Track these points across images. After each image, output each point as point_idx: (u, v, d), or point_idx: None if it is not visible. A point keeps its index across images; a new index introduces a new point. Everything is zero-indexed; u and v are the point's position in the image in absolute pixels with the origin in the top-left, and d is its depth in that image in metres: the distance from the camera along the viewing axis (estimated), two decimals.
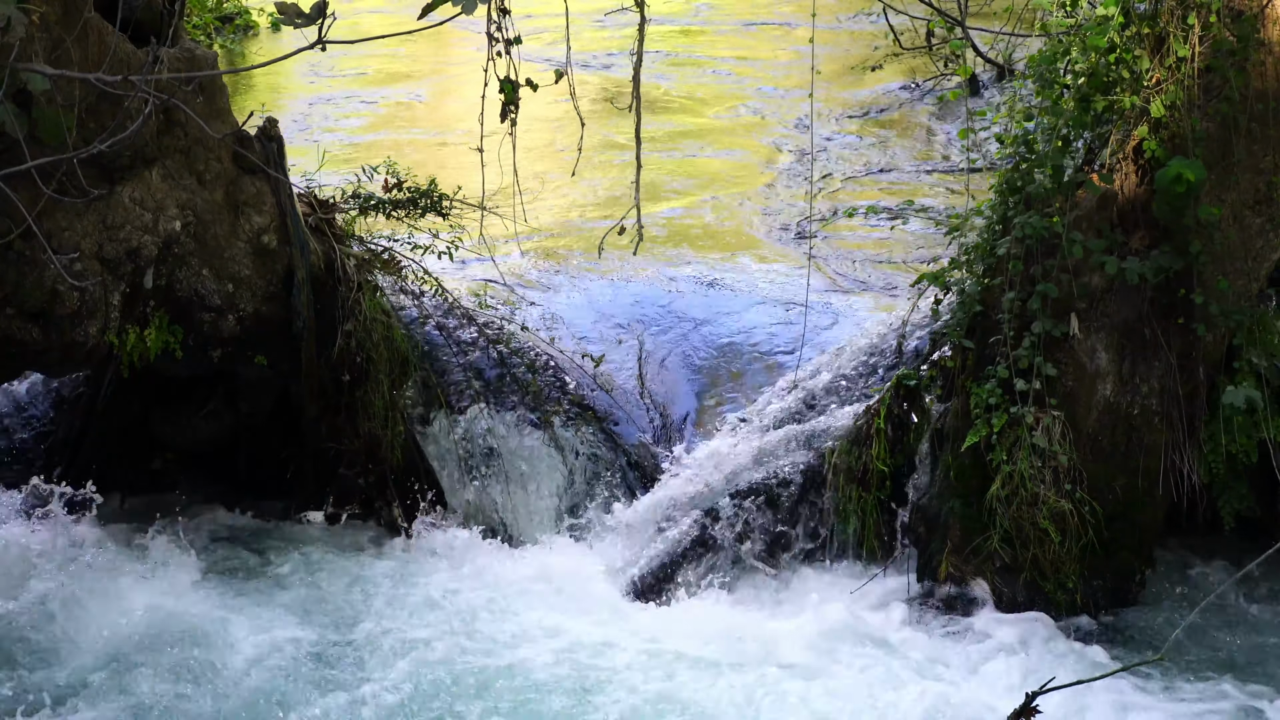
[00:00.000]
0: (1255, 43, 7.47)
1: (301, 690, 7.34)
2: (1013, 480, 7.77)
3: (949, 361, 8.43)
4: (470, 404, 9.03)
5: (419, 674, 7.48)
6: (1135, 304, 7.82)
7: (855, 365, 9.19)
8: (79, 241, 7.52)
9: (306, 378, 8.52)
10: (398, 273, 9.22)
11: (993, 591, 7.98)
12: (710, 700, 7.34)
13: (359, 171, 9.31)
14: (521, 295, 9.88)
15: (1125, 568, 8.09)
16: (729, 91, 15.36)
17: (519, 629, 7.91)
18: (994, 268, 8.07)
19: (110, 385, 8.73)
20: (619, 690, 7.41)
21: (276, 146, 8.34)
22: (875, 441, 8.40)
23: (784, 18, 18.37)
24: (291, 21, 5.06)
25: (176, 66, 7.63)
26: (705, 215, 11.68)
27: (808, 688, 7.38)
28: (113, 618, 7.75)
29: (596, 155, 12.51)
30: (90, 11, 7.39)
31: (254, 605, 7.98)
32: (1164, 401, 7.86)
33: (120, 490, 8.95)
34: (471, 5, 5.22)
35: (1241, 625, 8.07)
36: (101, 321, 7.65)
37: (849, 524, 8.40)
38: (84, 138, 7.11)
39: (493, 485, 8.96)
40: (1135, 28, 7.68)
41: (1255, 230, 7.75)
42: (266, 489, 9.07)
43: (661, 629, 8.02)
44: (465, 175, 8.94)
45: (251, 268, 8.24)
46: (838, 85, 15.21)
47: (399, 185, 9.21)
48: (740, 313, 9.97)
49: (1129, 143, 7.80)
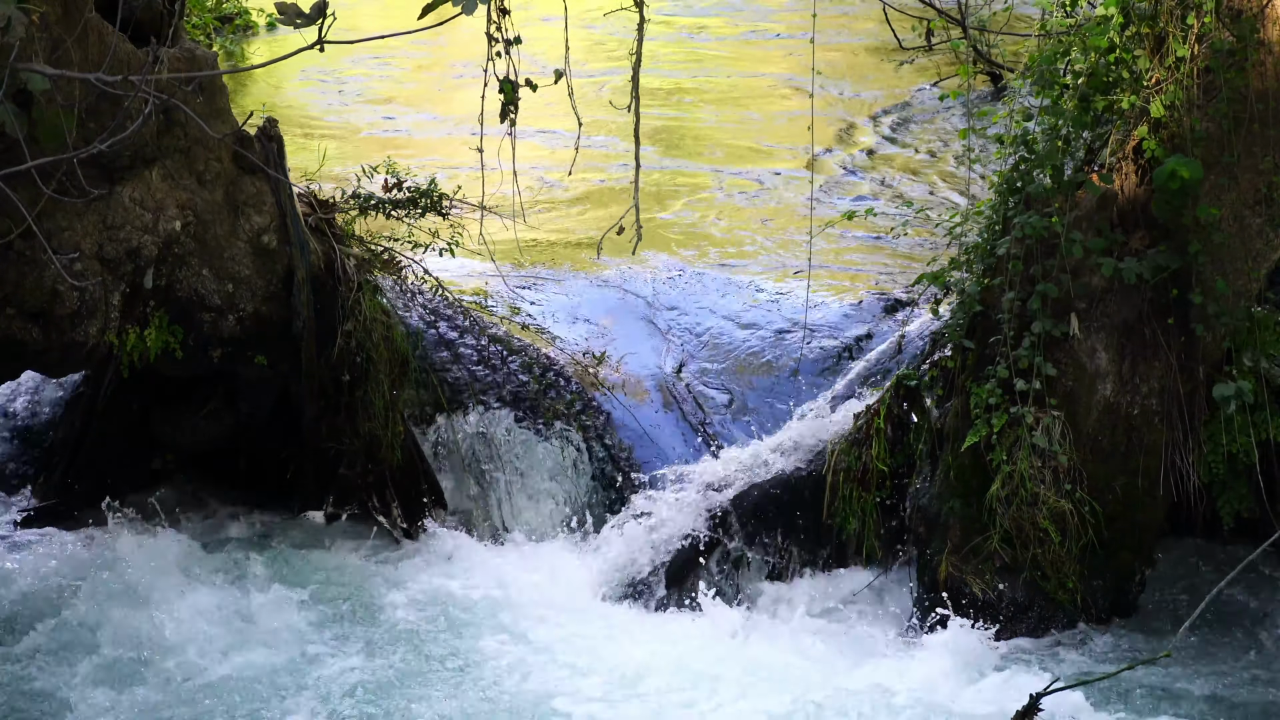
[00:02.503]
0: (1255, 43, 7.47)
1: (300, 689, 7.35)
2: (1013, 480, 7.77)
3: (949, 361, 8.43)
4: (470, 404, 9.03)
5: (418, 673, 7.49)
6: (1135, 304, 7.82)
7: (857, 366, 9.20)
8: (79, 241, 7.52)
9: (306, 378, 8.52)
10: (398, 273, 9.22)
11: (993, 592, 7.98)
12: (707, 700, 7.34)
13: (359, 171, 9.31)
14: (521, 295, 9.87)
15: (1125, 568, 8.09)
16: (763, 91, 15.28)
17: (517, 629, 7.92)
18: (994, 268, 8.07)
19: (110, 385, 8.72)
20: (616, 691, 7.41)
21: (276, 146, 8.34)
22: (875, 441, 8.40)
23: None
24: (291, 21, 5.06)
25: (176, 66, 7.62)
26: (710, 215, 11.67)
27: (806, 688, 7.39)
28: (112, 619, 7.74)
29: (597, 155, 12.50)
30: (90, 11, 7.39)
31: (253, 605, 7.97)
32: (1164, 401, 7.86)
33: (120, 490, 8.95)
34: (472, 5, 5.22)
35: (1244, 623, 8.07)
36: (101, 321, 7.65)
37: (849, 525, 8.40)
38: (84, 138, 7.11)
39: (492, 485, 8.96)
40: (1135, 28, 7.68)
41: (1254, 230, 7.75)
42: (266, 489, 9.07)
43: (660, 630, 8.02)
44: (467, 176, 8.95)
45: (251, 268, 8.24)
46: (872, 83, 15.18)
47: (399, 185, 9.22)
48: (744, 313, 9.96)
49: (1129, 143, 7.80)
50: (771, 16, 18.20)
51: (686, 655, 7.73)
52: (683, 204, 11.92)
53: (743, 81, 15.59)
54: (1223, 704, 7.39)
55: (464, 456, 8.95)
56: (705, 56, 16.69)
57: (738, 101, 14.77)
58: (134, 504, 8.93)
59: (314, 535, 8.83)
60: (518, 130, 7.42)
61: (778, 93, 15.13)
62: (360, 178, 9.31)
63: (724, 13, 18.69)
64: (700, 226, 11.41)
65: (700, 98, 14.98)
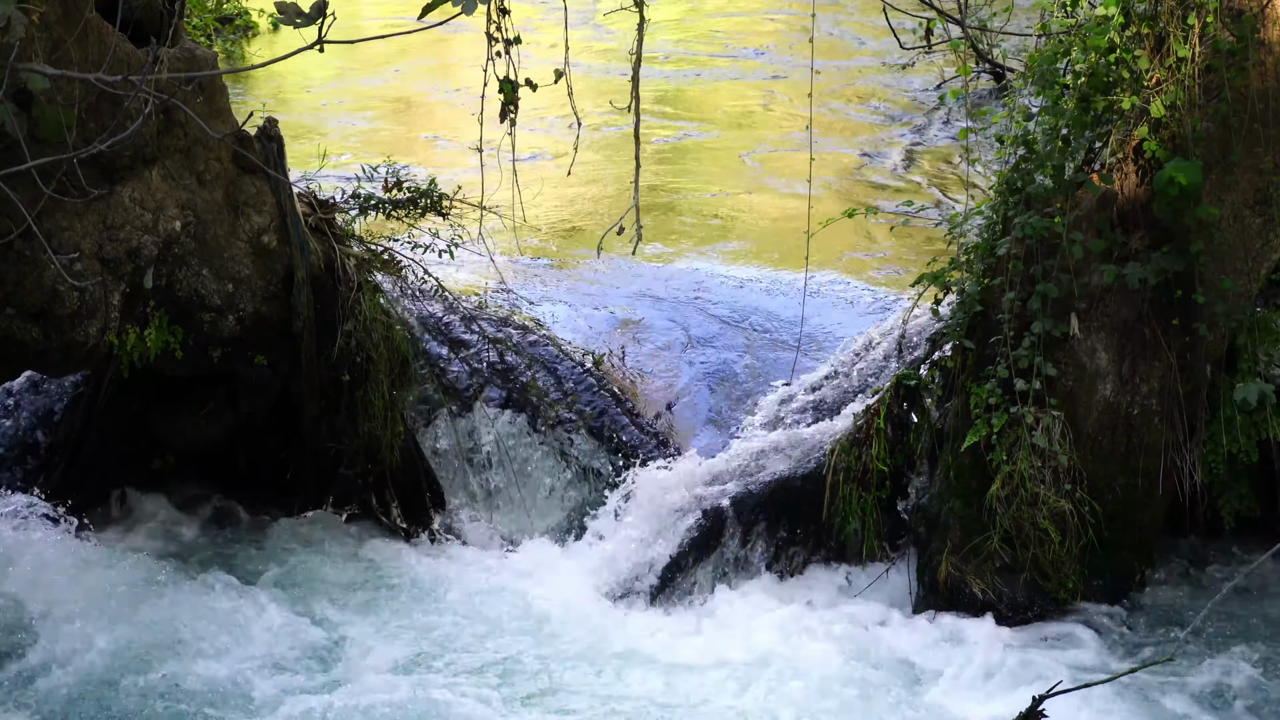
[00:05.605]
0: (1255, 43, 7.47)
1: (299, 688, 7.35)
2: (1013, 480, 7.77)
3: (949, 361, 8.43)
4: (470, 404, 9.03)
5: (418, 673, 7.49)
6: (1135, 304, 7.82)
7: (858, 367, 9.20)
8: (79, 241, 7.52)
9: (306, 378, 8.52)
10: (398, 273, 9.22)
11: (993, 592, 7.98)
12: (703, 701, 7.34)
13: (359, 171, 9.31)
14: (521, 295, 9.88)
15: (1125, 568, 8.09)
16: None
17: (517, 629, 7.92)
18: (994, 268, 8.07)
19: (110, 385, 8.72)
20: (613, 692, 7.42)
21: (276, 146, 8.34)
22: (875, 441, 8.40)
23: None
24: (291, 21, 5.06)
25: (176, 66, 7.62)
26: (713, 216, 11.67)
27: (806, 688, 7.39)
28: (111, 619, 7.75)
29: (597, 155, 12.51)
30: (90, 11, 7.39)
31: (253, 604, 7.98)
32: (1164, 401, 7.87)
33: (120, 490, 8.95)
34: (471, 5, 5.22)
35: (1246, 626, 8.07)
36: (101, 321, 7.65)
37: (849, 524, 8.40)
38: (84, 137, 7.11)
39: (492, 485, 8.97)
40: (1135, 28, 7.68)
41: (1255, 230, 7.76)
42: (266, 489, 9.07)
43: (658, 630, 8.02)
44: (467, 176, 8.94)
45: (251, 268, 8.24)
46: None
47: (399, 185, 9.22)
48: (745, 311, 9.96)
49: (1129, 143, 7.80)
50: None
51: (686, 654, 7.73)
52: (683, 203, 11.92)
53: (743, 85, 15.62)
54: (1226, 704, 7.39)
55: (464, 456, 8.96)
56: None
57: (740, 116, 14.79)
58: (134, 504, 8.94)
59: (314, 535, 8.83)
60: (523, 128, 7.41)
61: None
62: (360, 178, 9.31)
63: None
64: (701, 226, 11.42)
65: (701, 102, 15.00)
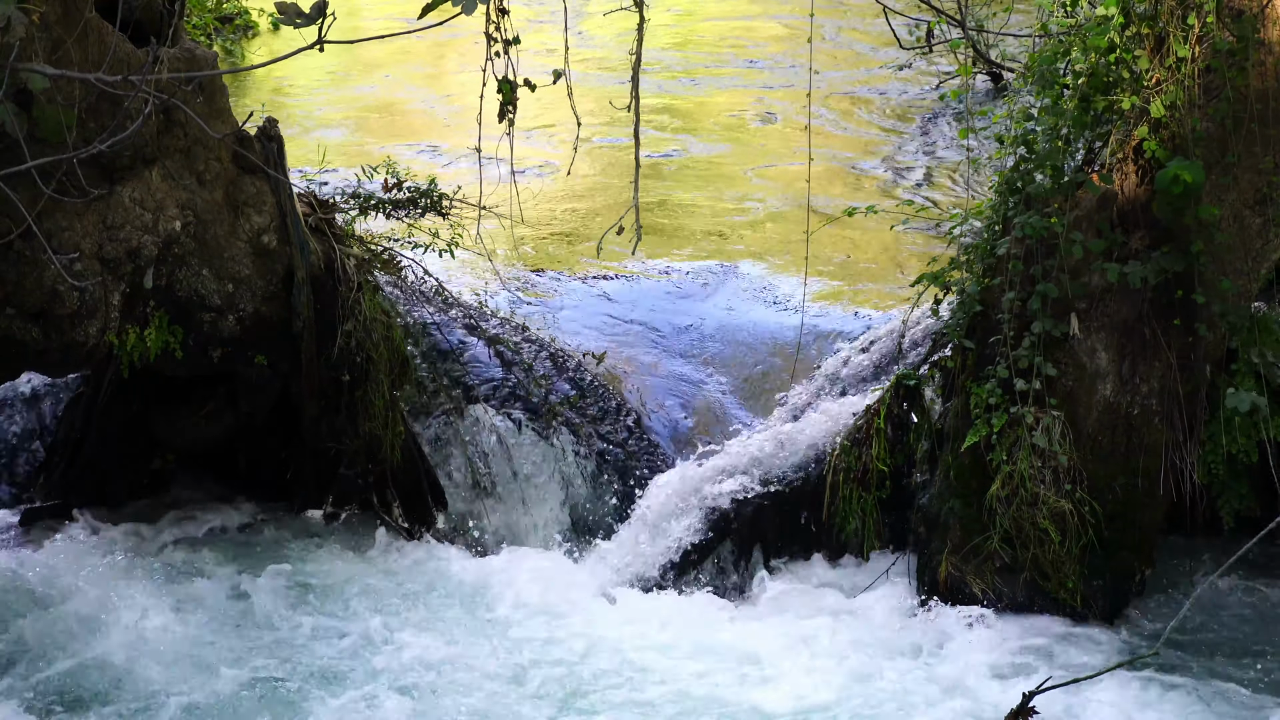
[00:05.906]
0: (1255, 43, 7.47)
1: (299, 688, 7.35)
2: (1013, 480, 7.77)
3: (949, 361, 8.43)
4: (470, 404, 9.03)
5: (418, 672, 7.49)
6: (1135, 304, 7.82)
7: (859, 367, 9.20)
8: (79, 241, 7.52)
9: (306, 378, 8.52)
10: (397, 273, 9.22)
11: (992, 591, 7.98)
12: (701, 702, 7.34)
13: (359, 171, 9.31)
14: (521, 295, 9.88)
15: (1125, 568, 8.09)
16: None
17: (517, 628, 7.92)
18: (994, 268, 8.07)
19: (110, 385, 8.72)
20: (612, 692, 7.41)
21: (276, 146, 8.34)
22: (875, 441, 8.41)
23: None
24: (291, 21, 5.06)
25: (176, 66, 7.62)
26: (714, 214, 11.68)
27: (805, 688, 7.39)
28: (111, 619, 7.75)
29: (598, 155, 12.51)
30: (90, 11, 7.39)
31: (254, 605, 7.98)
32: (1164, 401, 7.86)
33: (120, 490, 8.95)
34: (471, 5, 5.22)
35: (1239, 621, 8.08)
36: (101, 321, 7.65)
37: (849, 524, 8.40)
38: (84, 137, 7.11)
39: (493, 484, 8.97)
40: (1135, 28, 7.68)
41: (1255, 230, 7.75)
42: (266, 489, 9.08)
43: (658, 630, 8.02)
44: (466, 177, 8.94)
45: (251, 268, 8.24)
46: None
47: (399, 185, 9.22)
48: (745, 311, 9.97)
49: (1129, 143, 7.80)
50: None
51: (686, 651, 7.73)
52: (683, 202, 11.93)
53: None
54: (1217, 700, 7.39)
55: (465, 455, 8.95)
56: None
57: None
58: (134, 504, 8.94)
59: (314, 535, 8.83)
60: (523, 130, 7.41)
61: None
62: (360, 177, 9.31)
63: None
64: (701, 225, 11.42)
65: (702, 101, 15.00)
